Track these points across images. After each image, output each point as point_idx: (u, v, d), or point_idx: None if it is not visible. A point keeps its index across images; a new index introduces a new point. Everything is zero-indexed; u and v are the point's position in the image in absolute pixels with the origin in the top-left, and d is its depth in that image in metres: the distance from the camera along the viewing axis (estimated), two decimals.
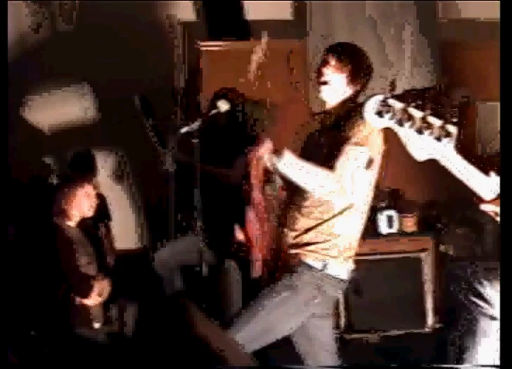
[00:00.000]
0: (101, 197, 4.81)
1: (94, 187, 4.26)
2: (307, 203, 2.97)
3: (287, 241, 3.01)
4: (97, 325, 3.94)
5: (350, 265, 3.03)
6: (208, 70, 6.04)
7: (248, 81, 5.99)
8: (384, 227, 5.45)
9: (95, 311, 3.89)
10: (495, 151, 5.51)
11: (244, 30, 6.03)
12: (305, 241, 2.97)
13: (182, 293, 4.21)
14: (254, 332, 2.92)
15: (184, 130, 3.85)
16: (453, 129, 2.01)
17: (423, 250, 5.41)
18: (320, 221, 2.95)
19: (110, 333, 3.97)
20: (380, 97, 2.00)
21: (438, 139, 2.00)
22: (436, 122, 1.98)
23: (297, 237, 2.98)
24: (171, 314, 3.84)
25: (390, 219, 5.45)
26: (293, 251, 2.98)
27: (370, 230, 5.38)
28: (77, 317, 3.80)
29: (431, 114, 1.98)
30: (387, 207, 5.47)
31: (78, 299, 3.80)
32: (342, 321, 5.28)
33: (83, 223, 4.19)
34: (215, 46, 6.03)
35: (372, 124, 2.05)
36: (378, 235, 5.45)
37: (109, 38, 6.19)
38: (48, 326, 3.63)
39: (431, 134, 2.00)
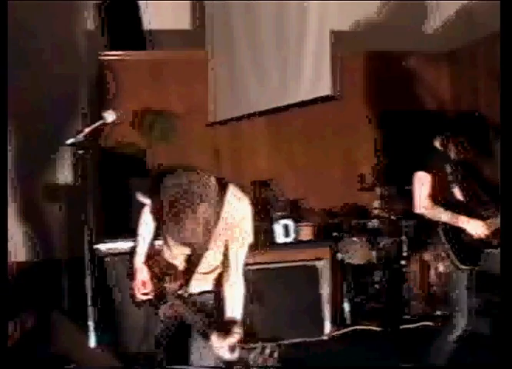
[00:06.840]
0: None
1: None
2: None
3: None
4: None
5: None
6: (109, 80, 6.02)
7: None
8: (280, 237, 5.49)
9: None
10: None
11: (144, 40, 6.06)
12: None
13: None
14: None
15: (70, 141, 3.82)
16: None
17: (319, 258, 5.46)
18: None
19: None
20: None
21: None
22: None
23: None
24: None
25: (286, 228, 5.50)
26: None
27: (268, 239, 5.45)
28: None
29: None
30: (284, 217, 5.51)
31: None
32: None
33: None
34: (116, 56, 6.03)
35: None
36: (275, 244, 5.49)
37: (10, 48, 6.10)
38: None
39: None
